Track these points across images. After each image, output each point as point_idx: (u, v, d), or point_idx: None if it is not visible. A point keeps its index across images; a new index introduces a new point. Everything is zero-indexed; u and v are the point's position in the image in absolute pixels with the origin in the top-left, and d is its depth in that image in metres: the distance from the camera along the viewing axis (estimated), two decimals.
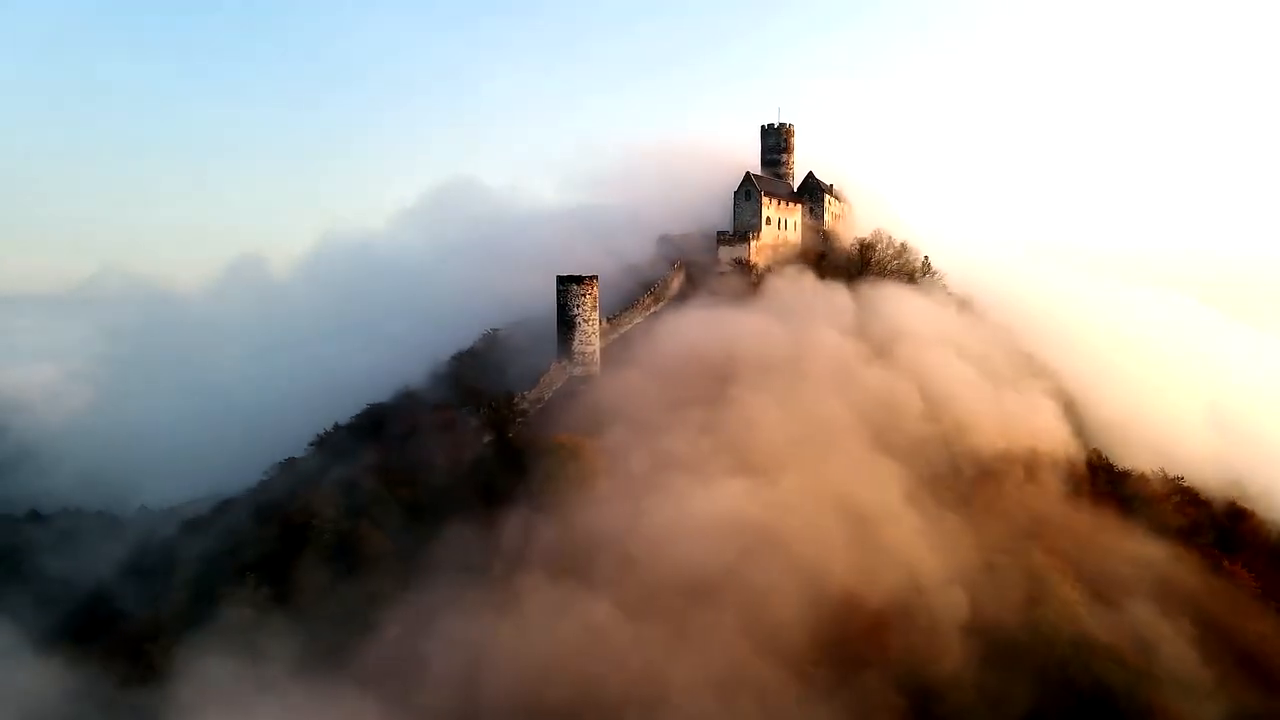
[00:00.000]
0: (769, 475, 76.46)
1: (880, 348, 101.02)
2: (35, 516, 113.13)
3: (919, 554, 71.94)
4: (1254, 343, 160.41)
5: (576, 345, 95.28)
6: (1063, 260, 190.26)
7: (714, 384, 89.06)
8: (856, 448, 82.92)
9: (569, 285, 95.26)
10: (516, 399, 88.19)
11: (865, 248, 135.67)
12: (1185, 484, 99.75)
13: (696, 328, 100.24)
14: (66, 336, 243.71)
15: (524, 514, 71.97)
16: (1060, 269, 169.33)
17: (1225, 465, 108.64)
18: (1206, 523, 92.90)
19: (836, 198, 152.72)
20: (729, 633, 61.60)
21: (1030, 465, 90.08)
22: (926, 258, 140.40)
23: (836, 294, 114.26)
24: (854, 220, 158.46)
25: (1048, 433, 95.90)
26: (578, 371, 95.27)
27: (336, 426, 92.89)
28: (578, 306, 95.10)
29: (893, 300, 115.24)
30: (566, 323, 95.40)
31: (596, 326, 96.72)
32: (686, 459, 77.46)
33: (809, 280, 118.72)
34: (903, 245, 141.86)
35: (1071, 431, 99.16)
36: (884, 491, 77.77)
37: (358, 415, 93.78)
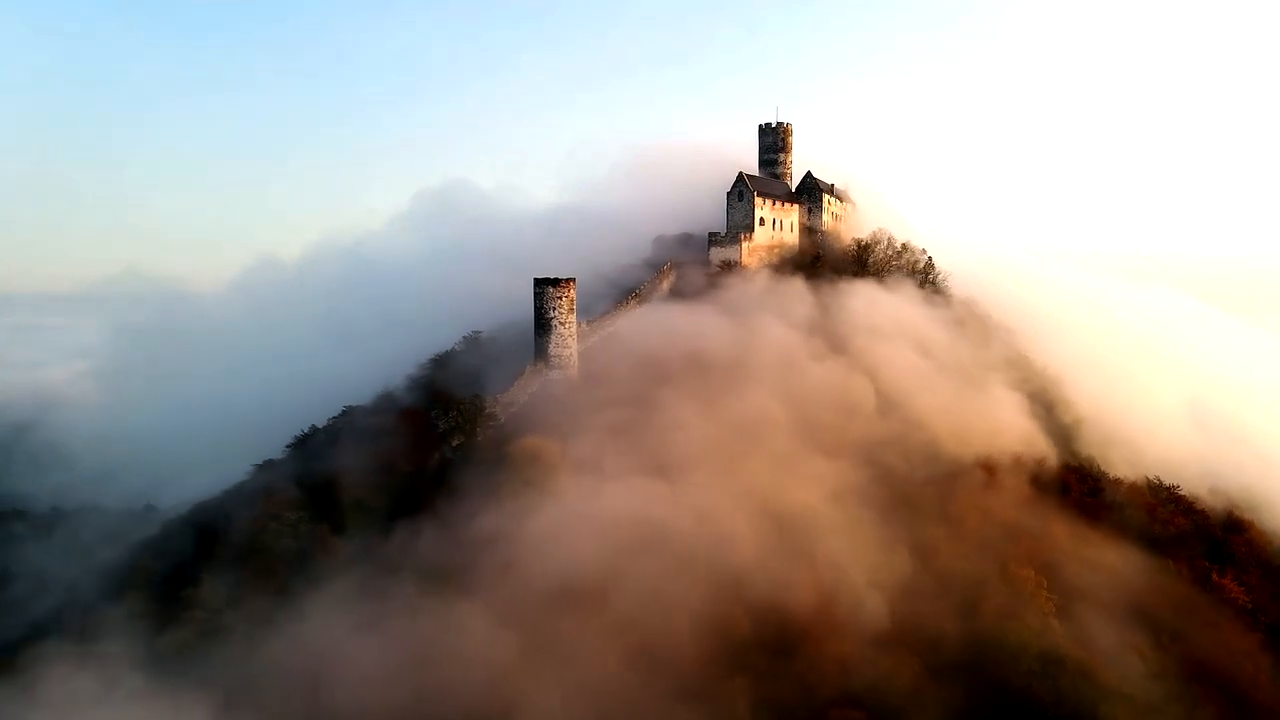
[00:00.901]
0: (681, 476, 75.33)
1: (836, 344, 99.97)
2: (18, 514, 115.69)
3: (840, 559, 70.14)
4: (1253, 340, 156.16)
5: (553, 348, 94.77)
6: (1062, 259, 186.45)
7: (646, 384, 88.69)
8: (786, 447, 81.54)
9: (545, 288, 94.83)
10: (489, 402, 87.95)
11: (863, 248, 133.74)
12: (1179, 492, 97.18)
13: (642, 327, 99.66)
14: (89, 335, 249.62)
15: (417, 521, 72.32)
16: (1058, 267, 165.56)
17: (1219, 469, 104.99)
18: (1195, 533, 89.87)
19: (839, 198, 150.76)
20: (598, 641, 60.26)
21: (990, 466, 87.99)
22: (929, 257, 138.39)
23: (796, 291, 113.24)
24: (858, 221, 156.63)
25: (1011, 433, 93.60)
26: (554, 375, 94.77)
27: (314, 428, 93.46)
28: (554, 309, 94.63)
29: (857, 297, 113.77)
30: (543, 325, 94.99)
31: (573, 329, 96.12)
32: (591, 461, 76.99)
33: (764, 277, 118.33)
34: (904, 245, 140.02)
35: (1049, 433, 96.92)
36: (808, 494, 76.16)
37: (334, 417, 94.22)
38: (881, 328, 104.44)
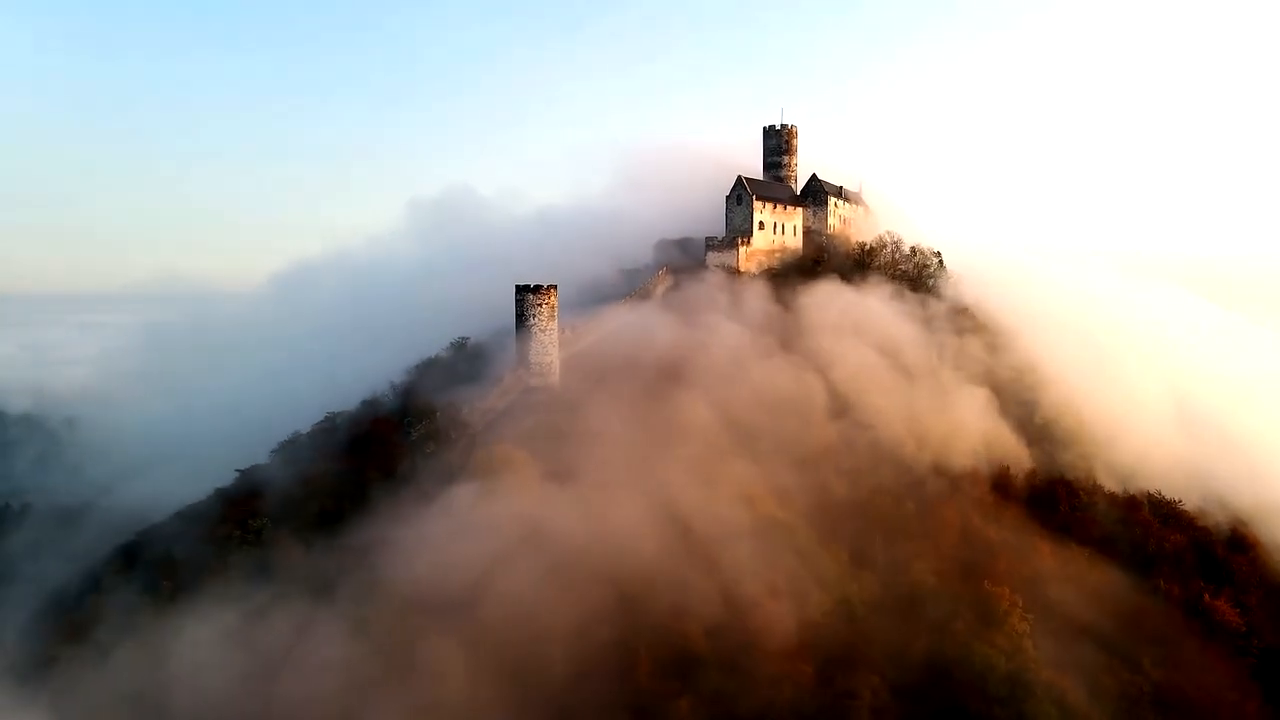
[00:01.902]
0: (594, 482, 74.30)
1: (793, 346, 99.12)
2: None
3: (746, 568, 68.55)
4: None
5: (533, 355, 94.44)
6: (1072, 259, 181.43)
7: (589, 388, 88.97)
8: (708, 451, 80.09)
9: (525, 294, 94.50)
10: (465, 410, 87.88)
11: (866, 253, 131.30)
12: (1182, 507, 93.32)
13: (631, 333, 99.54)
14: (123, 334, 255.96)
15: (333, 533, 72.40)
16: (1065, 267, 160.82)
17: (1227, 481, 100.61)
18: (1192, 550, 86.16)
19: (848, 200, 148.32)
20: (456, 653, 59.13)
21: (948, 472, 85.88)
22: (940, 260, 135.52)
23: (755, 291, 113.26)
24: (872, 224, 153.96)
25: (970, 437, 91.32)
26: (534, 381, 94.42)
27: (296, 434, 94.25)
28: (534, 316, 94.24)
29: (824, 298, 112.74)
30: (523, 332, 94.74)
31: (554, 336, 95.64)
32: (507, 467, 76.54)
33: (717, 278, 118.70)
34: (913, 249, 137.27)
35: (1035, 441, 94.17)
36: (725, 500, 74.63)
37: (318, 423, 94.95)
38: (843, 328, 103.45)
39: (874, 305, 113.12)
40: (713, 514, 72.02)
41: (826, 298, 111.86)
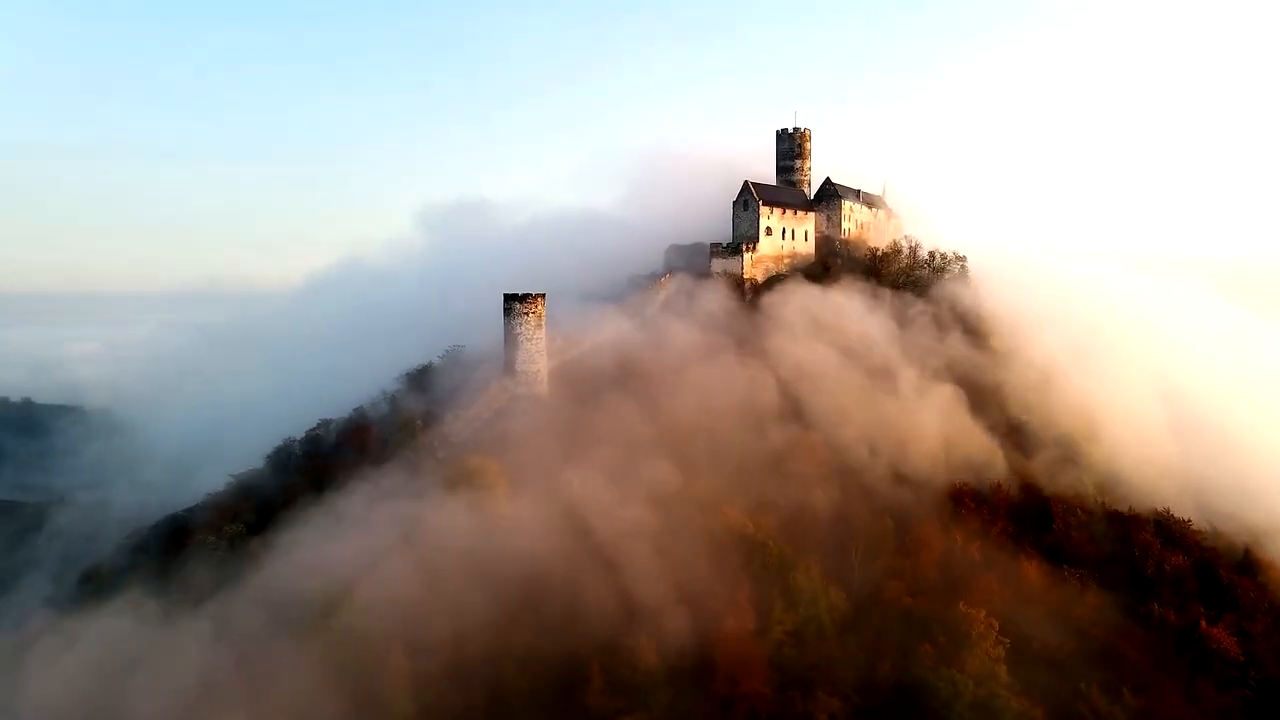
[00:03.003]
0: (495, 492, 73.81)
1: (749, 349, 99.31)
2: None
3: (648, 576, 67.29)
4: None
5: (519, 364, 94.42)
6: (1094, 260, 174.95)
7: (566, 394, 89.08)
8: (624, 454, 79.04)
9: (512, 303, 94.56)
10: (447, 419, 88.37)
11: (878, 259, 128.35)
12: (1192, 527, 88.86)
13: (623, 340, 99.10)
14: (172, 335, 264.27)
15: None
16: (1088, 269, 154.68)
17: (1238, 496, 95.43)
18: (1195, 573, 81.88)
19: (868, 204, 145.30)
20: (311, 663, 58.76)
21: (903, 477, 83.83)
22: (963, 263, 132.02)
23: (716, 293, 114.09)
24: (893, 227, 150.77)
25: (930, 440, 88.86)
26: (520, 390, 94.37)
27: (288, 440, 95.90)
28: (521, 325, 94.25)
29: (779, 295, 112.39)
30: (511, 341, 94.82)
31: (541, 345, 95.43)
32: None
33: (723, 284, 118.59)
34: (931, 254, 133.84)
35: (1015, 446, 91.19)
36: (635, 502, 73.54)
37: (310, 429, 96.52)
38: (797, 327, 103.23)
39: (841, 304, 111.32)
40: (618, 516, 71.17)
41: (783, 296, 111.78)
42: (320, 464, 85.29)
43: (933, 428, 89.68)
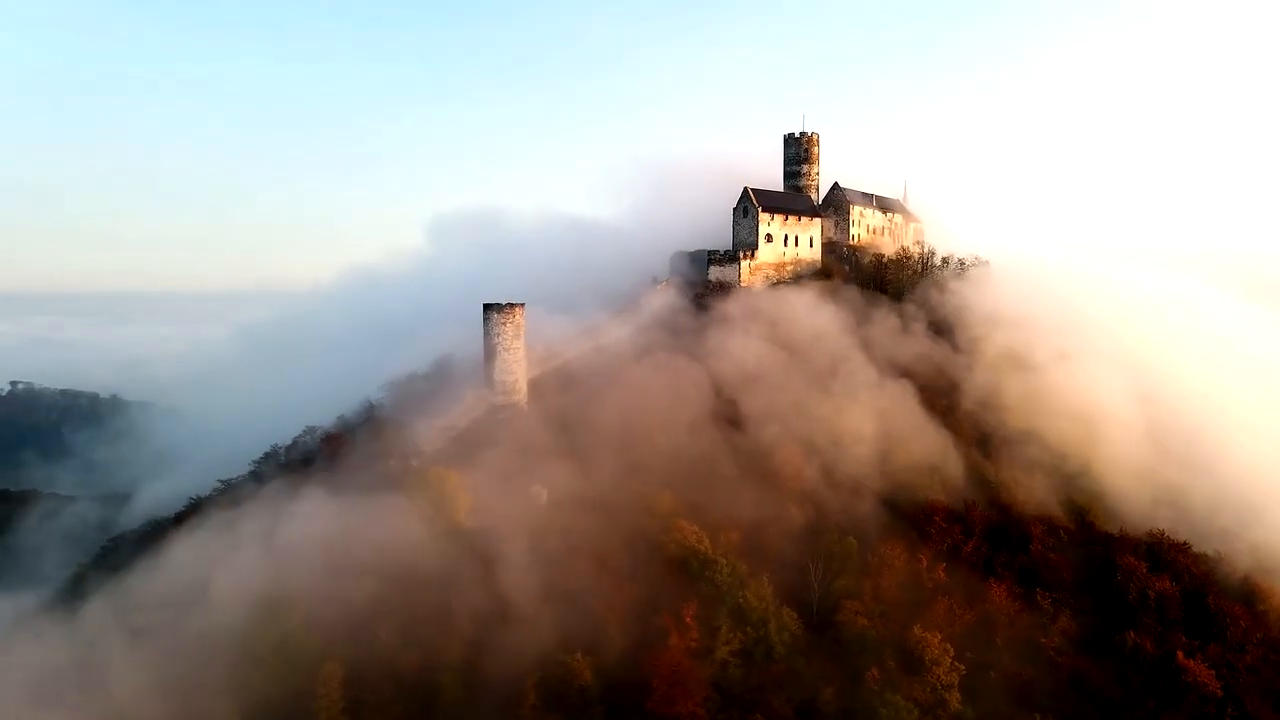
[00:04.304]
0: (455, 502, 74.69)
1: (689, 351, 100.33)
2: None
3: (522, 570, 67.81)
4: None
5: (497, 373, 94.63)
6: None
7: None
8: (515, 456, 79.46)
9: (490, 313, 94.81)
10: (422, 428, 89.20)
11: (884, 267, 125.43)
12: (1192, 550, 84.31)
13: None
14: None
15: None
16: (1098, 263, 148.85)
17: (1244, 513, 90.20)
18: (1181, 600, 77.59)
19: (884, 209, 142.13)
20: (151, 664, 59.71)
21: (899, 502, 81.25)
22: (971, 263, 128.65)
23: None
24: (913, 232, 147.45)
25: (865, 442, 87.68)
26: (499, 400, 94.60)
27: (275, 448, 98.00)
28: (499, 335, 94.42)
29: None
30: (489, 350, 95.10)
31: (520, 355, 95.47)
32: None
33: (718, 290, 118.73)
34: (944, 260, 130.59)
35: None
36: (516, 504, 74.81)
37: (297, 435, 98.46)
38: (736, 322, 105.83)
39: (791, 300, 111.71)
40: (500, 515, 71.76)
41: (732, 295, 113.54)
42: (297, 471, 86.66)
43: (867, 429, 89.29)
